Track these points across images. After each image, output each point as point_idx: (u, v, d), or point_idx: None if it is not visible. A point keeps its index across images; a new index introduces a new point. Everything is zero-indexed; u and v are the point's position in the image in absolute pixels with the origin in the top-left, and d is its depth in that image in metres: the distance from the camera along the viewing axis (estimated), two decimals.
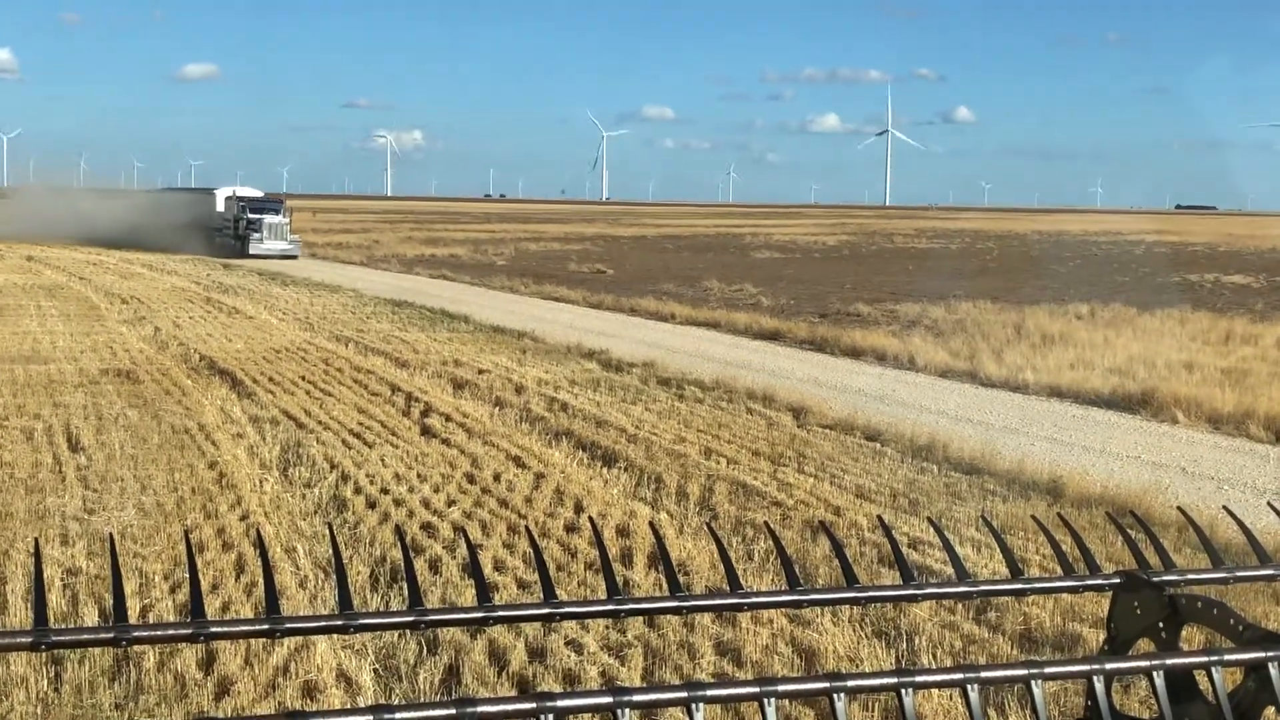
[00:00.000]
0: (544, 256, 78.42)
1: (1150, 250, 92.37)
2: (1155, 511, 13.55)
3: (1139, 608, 3.64)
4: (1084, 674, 3.13)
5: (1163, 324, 36.32)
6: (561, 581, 11.75)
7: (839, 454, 18.54)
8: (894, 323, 37.82)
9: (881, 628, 10.59)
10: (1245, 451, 19.60)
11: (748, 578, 11.80)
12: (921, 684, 2.92)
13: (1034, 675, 3.01)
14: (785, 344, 33.91)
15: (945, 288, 48.87)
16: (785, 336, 34.91)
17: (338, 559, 2.87)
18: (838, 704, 2.81)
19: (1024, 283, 54.51)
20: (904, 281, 57.13)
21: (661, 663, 9.92)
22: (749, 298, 48.06)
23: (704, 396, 23.68)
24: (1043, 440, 20.19)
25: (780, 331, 35.63)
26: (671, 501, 15.47)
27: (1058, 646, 10.20)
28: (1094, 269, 67.78)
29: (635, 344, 32.40)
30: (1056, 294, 48.13)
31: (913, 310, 41.07)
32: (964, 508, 15.04)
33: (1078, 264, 73.18)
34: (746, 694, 2.78)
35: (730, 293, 50.20)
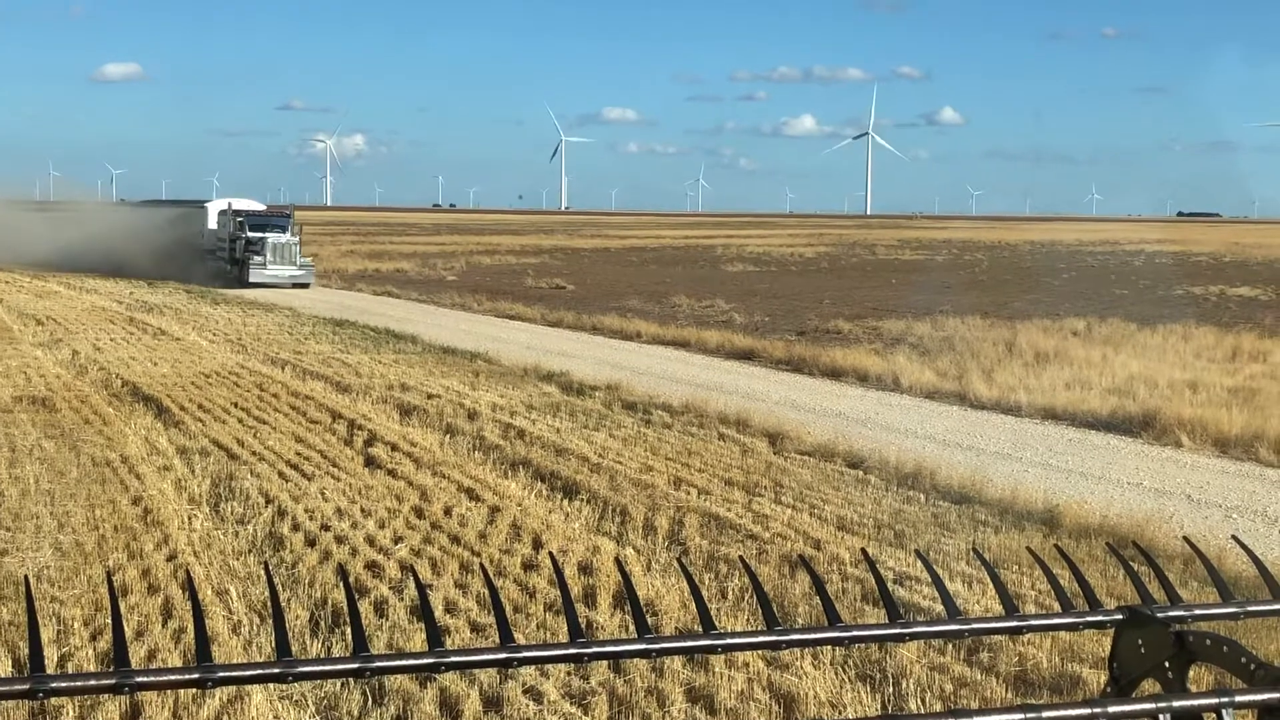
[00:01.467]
0: (498, 271, 78.43)
1: (1150, 261, 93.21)
2: (1159, 542, 13.64)
3: (1143, 646, 3.65)
4: (1085, 718, 3.14)
5: (1165, 340, 36.61)
6: (519, 624, 11.72)
7: (819, 483, 18.58)
8: (877, 340, 37.98)
9: (866, 670, 10.61)
10: (1255, 477, 19.76)
11: (721, 617, 11.80)
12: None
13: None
14: (760, 364, 33.99)
15: (931, 302, 49.14)
16: (760, 356, 34.99)
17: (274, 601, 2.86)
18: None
19: (1016, 296, 54.88)
20: (887, 296, 57.40)
21: (628, 711, 9.90)
22: (721, 314, 48.17)
23: (673, 421, 23.70)
24: (1037, 466, 20.30)
25: (754, 351, 35.71)
26: (638, 536, 15.47)
27: (1056, 689, 10.23)
28: (1090, 281, 68.32)
29: (598, 365, 32.41)
30: (1050, 308, 48.47)
31: (897, 327, 41.26)
32: (954, 540, 15.10)
33: (1073, 276, 73.75)
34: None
35: (700, 309, 50.30)
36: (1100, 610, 3.83)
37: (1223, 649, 3.52)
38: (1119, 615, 3.76)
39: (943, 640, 10.40)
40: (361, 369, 31.09)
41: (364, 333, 40.46)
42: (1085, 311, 45.09)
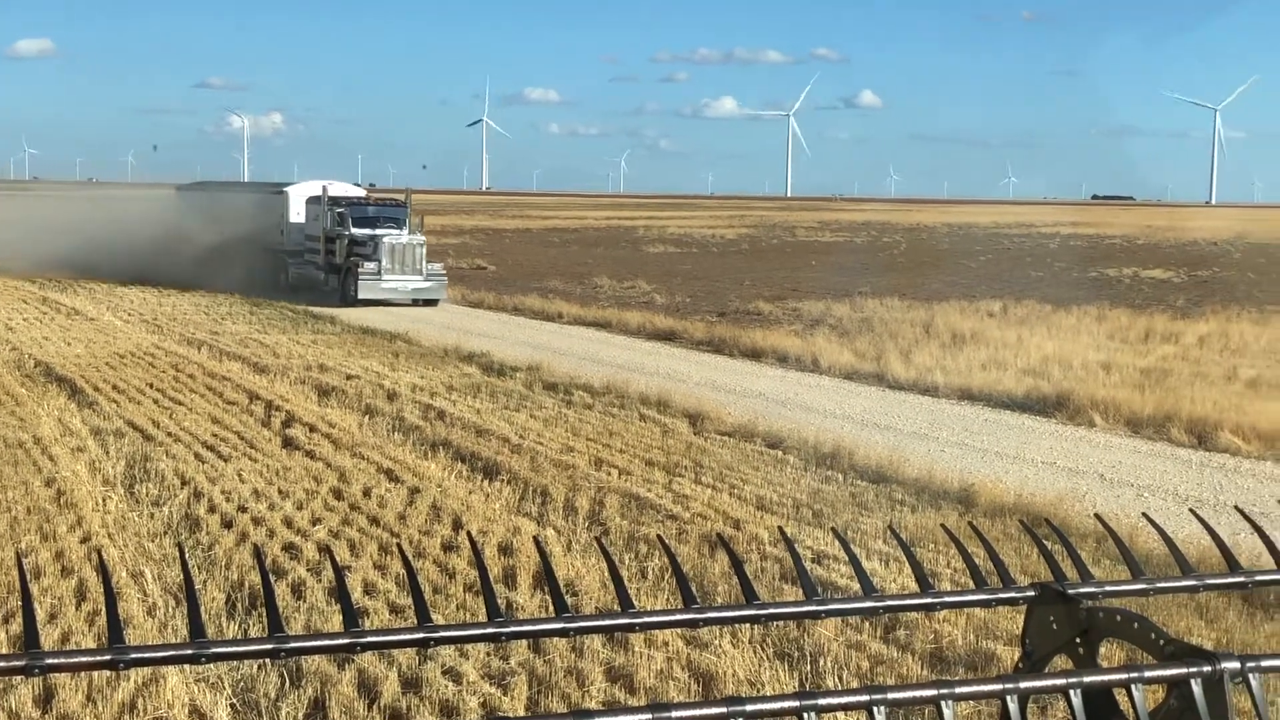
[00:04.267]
0: None
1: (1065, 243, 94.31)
2: (1072, 521, 13.82)
3: (1055, 622, 3.70)
4: (997, 694, 3.17)
5: (1079, 321, 37.10)
6: (438, 605, 11.68)
7: (738, 463, 18.66)
8: (797, 322, 38.18)
9: (785, 649, 10.68)
10: (1167, 456, 20.08)
11: (641, 597, 11.82)
12: (824, 707, 2.93)
13: (944, 696, 3.04)
14: (681, 345, 34.08)
15: (851, 284, 49.46)
16: (681, 337, 35.08)
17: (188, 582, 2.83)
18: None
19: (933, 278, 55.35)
20: (807, 277, 57.71)
21: (548, 690, 9.90)
22: (642, 295, 48.21)
23: (594, 402, 23.70)
24: (953, 446, 20.51)
25: (676, 331, 35.79)
26: (559, 516, 15.46)
27: (970, 665, 10.36)
28: (1006, 263, 69.06)
29: (519, 346, 32.32)
30: (967, 290, 48.94)
31: (816, 308, 41.51)
32: (871, 518, 15.22)
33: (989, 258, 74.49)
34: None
35: (622, 290, 50.32)
36: (1013, 587, 3.87)
37: (1133, 625, 3.57)
38: (1031, 592, 3.80)
39: (859, 618, 10.50)
40: (279, 349, 30.82)
41: (281, 313, 40.11)
42: (1001, 293, 45.58)
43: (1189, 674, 3.23)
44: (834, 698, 3.08)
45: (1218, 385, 25.60)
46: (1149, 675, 3.26)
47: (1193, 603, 11.61)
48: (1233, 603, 11.87)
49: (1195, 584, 4.10)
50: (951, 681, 3.15)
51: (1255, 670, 3.35)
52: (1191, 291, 51.88)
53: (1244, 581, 4.14)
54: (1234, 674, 3.27)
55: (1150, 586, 4.00)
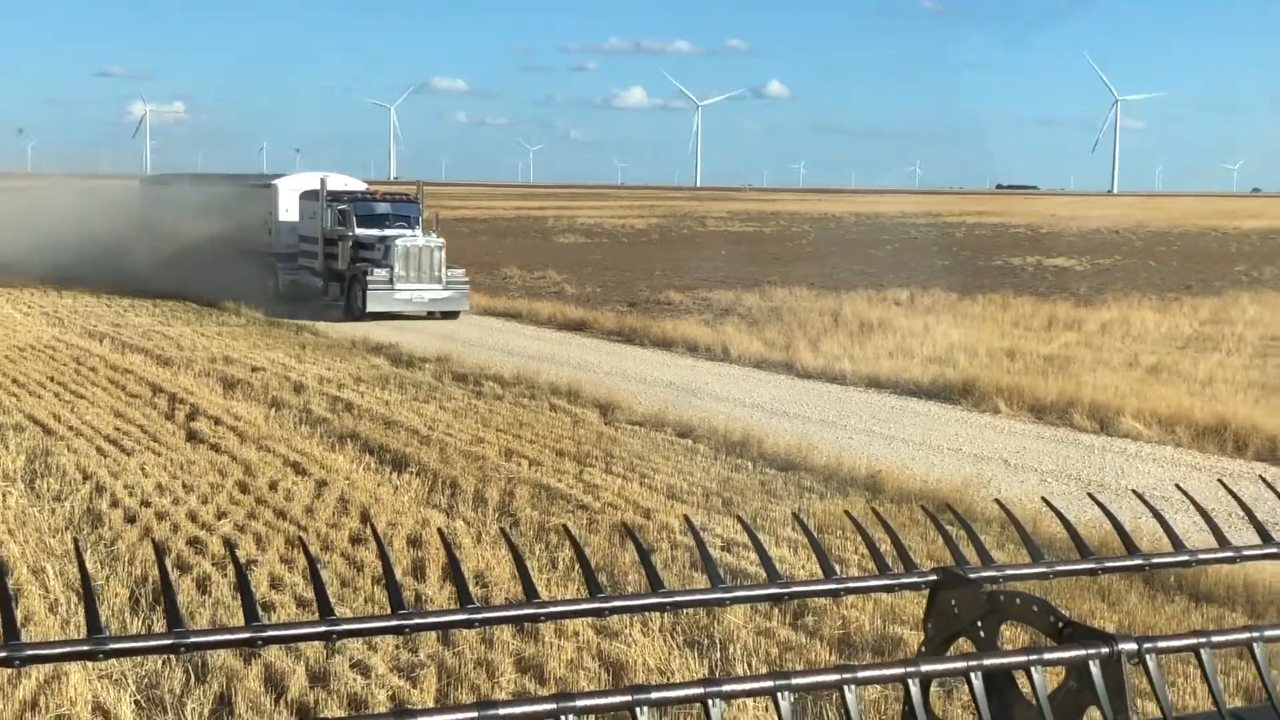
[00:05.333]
0: None
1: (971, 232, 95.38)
2: (977, 506, 13.97)
3: (956, 606, 3.74)
4: (899, 677, 3.19)
5: (984, 310, 37.57)
6: (346, 598, 11.59)
7: (649, 452, 18.69)
8: (707, 311, 38.30)
9: (694, 637, 10.72)
10: (1070, 442, 20.38)
11: (552, 588, 11.82)
12: (729, 693, 2.94)
13: (847, 680, 3.06)
14: (591, 335, 34.08)
15: (760, 274, 49.70)
16: (591, 327, 35.08)
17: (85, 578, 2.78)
18: (640, 718, 2.82)
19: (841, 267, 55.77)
20: (717, 267, 57.89)
21: (457, 683, 9.87)
22: (552, 286, 48.14)
23: (504, 393, 23.63)
24: (861, 433, 20.69)
25: (586, 322, 35.79)
26: (468, 508, 15.41)
27: (877, 650, 10.46)
28: (913, 252, 69.70)
29: (427, 337, 32.16)
30: (875, 279, 49.35)
31: (726, 298, 41.66)
32: (780, 506, 15.32)
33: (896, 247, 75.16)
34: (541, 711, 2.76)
35: (532, 280, 50.22)
36: (915, 572, 3.90)
37: (1032, 608, 3.62)
38: (933, 577, 3.84)
39: (767, 604, 10.56)
40: (184, 342, 30.43)
41: (186, 304, 39.57)
42: (908, 282, 46.00)
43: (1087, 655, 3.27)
44: (739, 684, 3.09)
45: (1119, 371, 26.05)
46: (1048, 657, 3.31)
47: (1095, 586, 11.80)
48: (1134, 585, 12.09)
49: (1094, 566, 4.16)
50: (854, 666, 3.18)
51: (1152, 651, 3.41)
52: (1094, 279, 52.68)
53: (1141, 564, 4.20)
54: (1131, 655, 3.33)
55: (1050, 570, 4.06)
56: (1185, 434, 20.23)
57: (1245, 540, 4.20)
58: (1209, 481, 16.01)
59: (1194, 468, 18.15)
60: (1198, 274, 54.18)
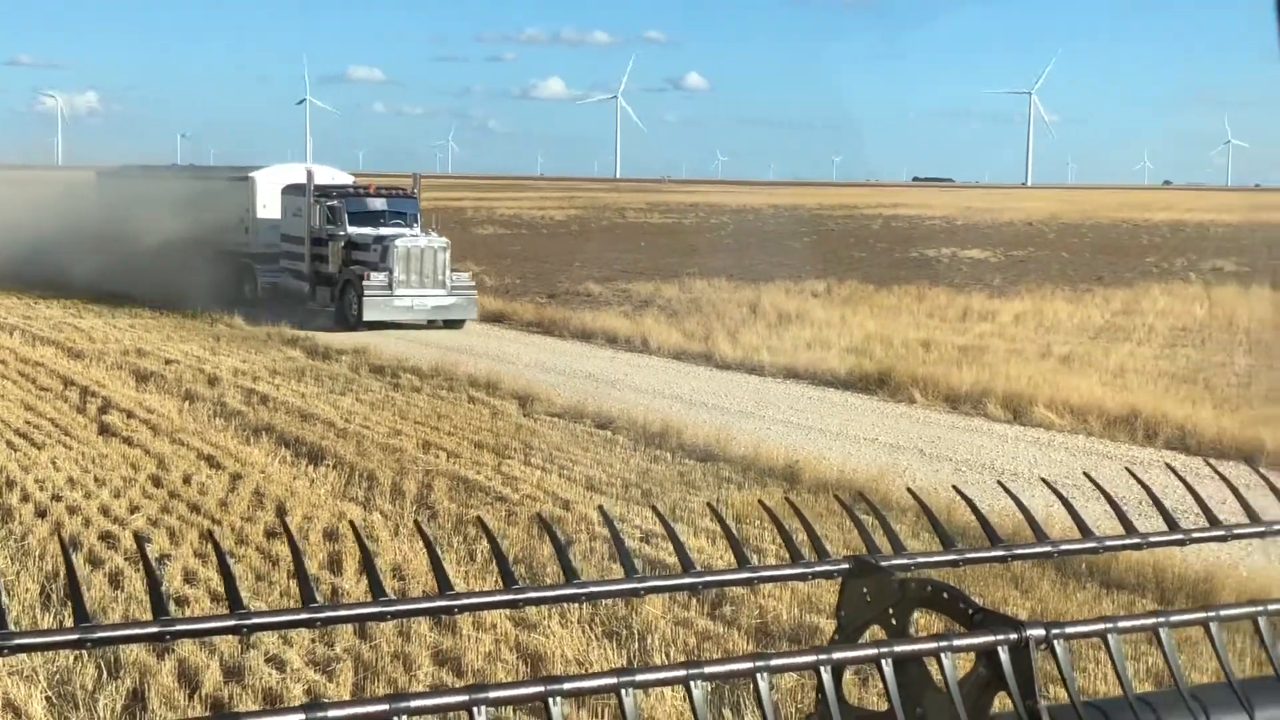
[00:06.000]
0: None
1: (888, 224, 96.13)
2: (893, 495, 14.09)
3: (868, 594, 3.77)
4: (811, 665, 3.21)
5: (900, 301, 37.88)
6: (262, 592, 11.50)
7: (568, 444, 18.69)
8: (626, 303, 38.32)
9: (613, 628, 10.73)
10: (984, 431, 20.62)
11: (470, 580, 11.79)
12: (642, 683, 2.95)
13: (759, 669, 3.07)
14: (510, 326, 34.02)
15: (679, 265, 49.78)
16: (510, 318, 35.02)
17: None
18: (554, 709, 2.82)
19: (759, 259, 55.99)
20: (637, 259, 57.95)
21: (374, 676, 9.82)
22: (471, 277, 47.89)
23: (421, 385, 23.53)
24: (779, 424, 20.79)
25: (505, 313, 35.70)
26: (385, 500, 15.33)
27: (794, 639, 10.53)
28: (831, 244, 70.16)
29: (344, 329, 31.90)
30: (793, 271, 49.59)
31: (645, 289, 41.71)
32: (699, 497, 15.36)
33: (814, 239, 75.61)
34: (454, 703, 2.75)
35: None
36: (827, 561, 3.93)
37: (943, 595, 3.65)
38: (845, 565, 3.87)
39: (687, 595, 10.59)
40: (95, 334, 30.01)
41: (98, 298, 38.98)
42: (825, 274, 46.30)
43: (996, 642, 3.31)
44: (652, 673, 3.10)
45: (1032, 362, 26.37)
46: (958, 644, 3.34)
47: (1009, 573, 11.94)
48: (1046, 573, 12.24)
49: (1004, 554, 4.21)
50: (767, 654, 3.20)
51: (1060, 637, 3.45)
52: (1008, 271, 53.26)
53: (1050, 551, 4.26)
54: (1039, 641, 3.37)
55: (960, 557, 4.10)
56: (1097, 423, 20.52)
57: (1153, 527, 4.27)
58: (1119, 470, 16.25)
59: (1105, 456, 18.41)
60: (1109, 265, 54.95)
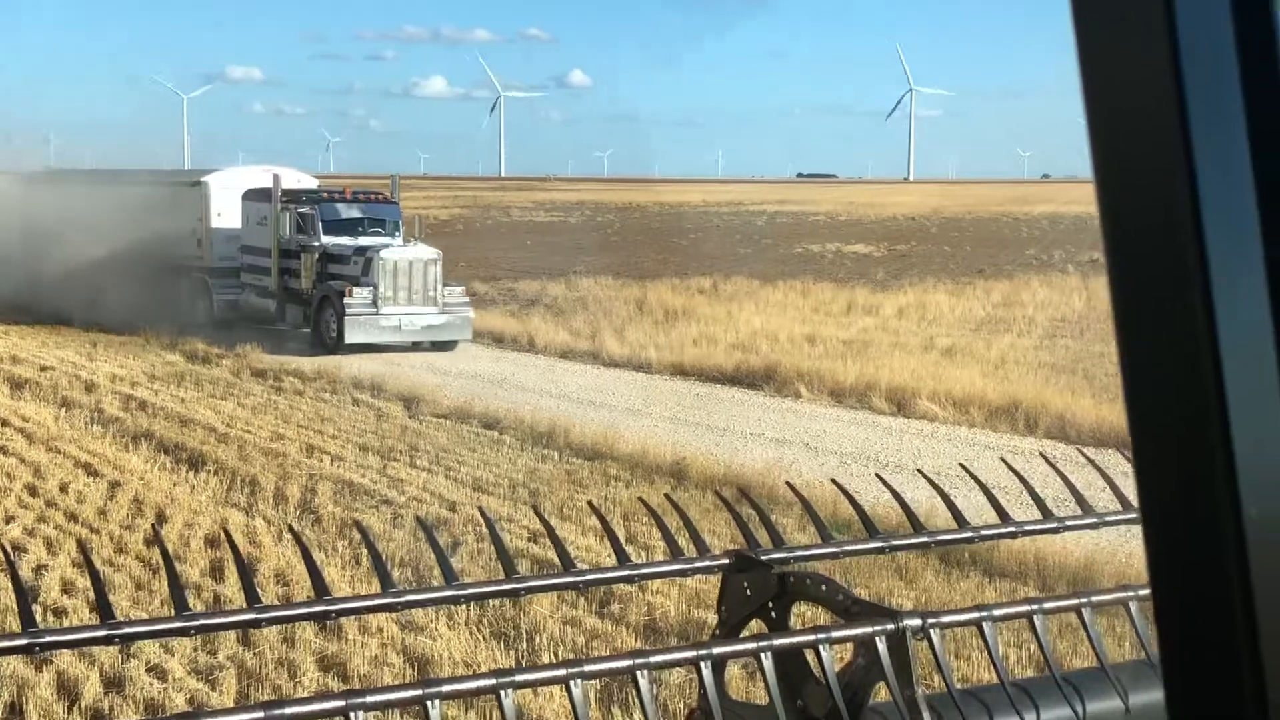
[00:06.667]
0: None
1: (772, 221, 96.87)
2: (779, 490, 14.21)
3: (749, 588, 3.81)
4: (691, 660, 3.24)
5: (785, 296, 38.17)
6: (142, 601, 11.31)
7: (455, 445, 18.60)
8: (512, 302, 38.21)
9: (501, 628, 10.70)
10: (868, 424, 20.85)
11: (355, 584, 11.68)
12: (521, 683, 2.96)
13: (639, 666, 3.10)
14: None
15: (565, 264, 49.75)
16: None
17: None
18: (432, 712, 2.82)
19: (646, 256, 56.14)
20: (522, 257, 57.81)
21: (258, 683, 9.70)
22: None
23: (304, 388, 23.28)
24: (666, 421, 20.86)
25: None
26: (268, 506, 15.14)
27: (682, 634, 10.57)
28: (716, 241, 70.50)
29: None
30: (679, 268, 49.77)
31: (532, 288, 41.62)
32: (586, 495, 15.36)
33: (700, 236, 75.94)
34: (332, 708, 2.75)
35: None
36: (708, 556, 3.97)
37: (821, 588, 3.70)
38: (725, 560, 3.91)
39: (575, 593, 10.60)
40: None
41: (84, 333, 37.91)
42: (711, 270, 46.50)
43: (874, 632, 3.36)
44: (531, 673, 3.11)
45: (915, 355, 26.72)
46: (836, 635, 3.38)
47: (893, 564, 12.08)
48: (930, 563, 12.41)
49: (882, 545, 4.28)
50: (646, 651, 3.22)
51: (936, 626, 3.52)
52: (891, 265, 53.91)
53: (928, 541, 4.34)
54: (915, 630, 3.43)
55: (839, 550, 4.16)
56: (979, 414, 20.85)
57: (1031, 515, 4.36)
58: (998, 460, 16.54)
59: (987, 447, 18.70)
60: (990, 258, 55.82)
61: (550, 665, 3.14)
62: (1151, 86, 0.95)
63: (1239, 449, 0.95)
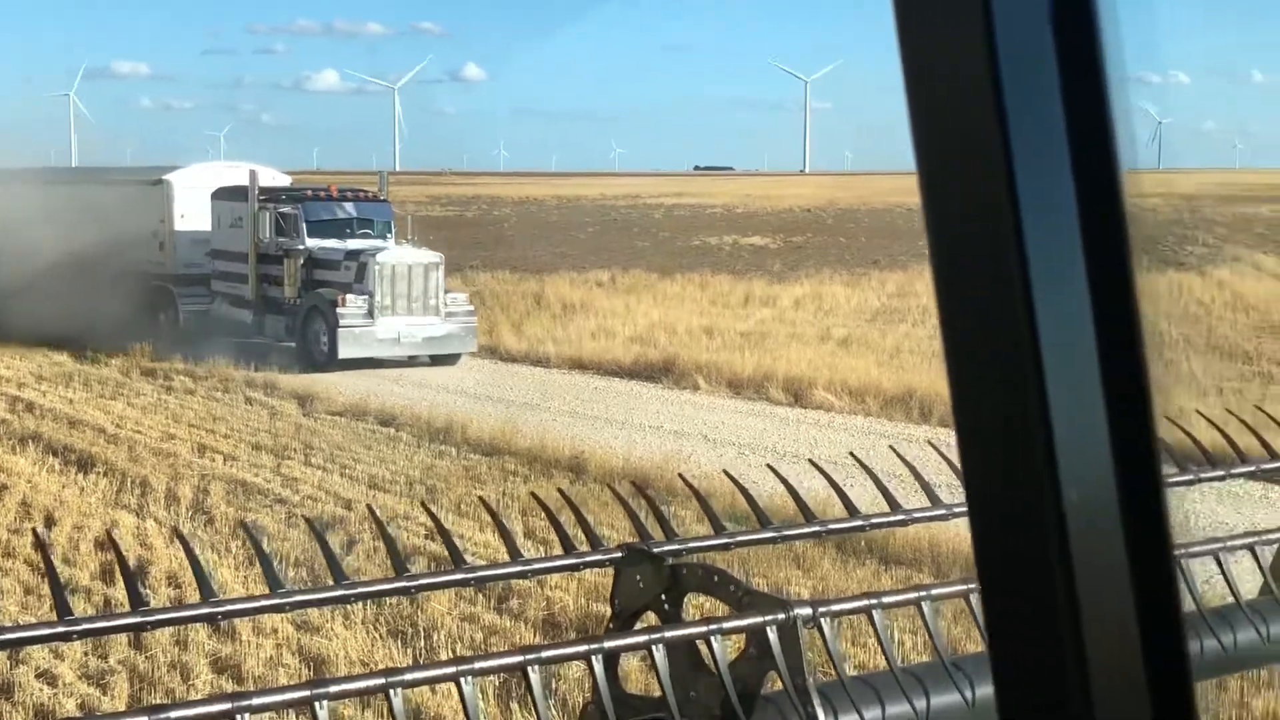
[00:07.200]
0: None
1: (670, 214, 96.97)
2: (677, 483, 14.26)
3: (641, 581, 3.83)
4: (582, 655, 3.25)
5: (683, 289, 38.32)
6: (31, 606, 11.10)
7: (350, 442, 18.45)
8: None
9: (398, 626, 10.63)
10: (766, 415, 20.98)
11: (250, 585, 11.54)
12: (410, 682, 2.95)
13: (530, 662, 3.10)
14: None
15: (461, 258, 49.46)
16: None
17: None
18: (320, 712, 2.80)
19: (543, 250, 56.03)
20: None
21: (150, 687, 9.56)
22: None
23: (196, 387, 22.98)
24: (565, 415, 20.84)
25: None
26: (160, 507, 14.92)
27: (581, 628, 10.57)
28: (614, 234, 70.51)
29: None
30: (577, 261, 49.76)
31: None
32: (484, 491, 15.30)
33: (597, 229, 75.90)
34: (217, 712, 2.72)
35: None
36: (601, 549, 3.98)
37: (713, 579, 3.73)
38: (618, 553, 3.92)
39: (473, 590, 10.57)
40: None
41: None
42: (609, 264, 46.55)
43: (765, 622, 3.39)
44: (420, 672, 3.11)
45: (812, 345, 26.94)
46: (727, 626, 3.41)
47: (791, 554, 12.17)
48: (827, 552, 12.52)
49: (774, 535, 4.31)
50: (538, 647, 3.22)
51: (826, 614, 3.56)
52: (787, 256, 54.31)
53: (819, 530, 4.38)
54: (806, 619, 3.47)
55: (731, 540, 4.19)
56: (875, 403, 21.06)
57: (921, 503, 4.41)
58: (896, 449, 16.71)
59: (882, 435, 18.88)
60: (884, 249, 56.38)
61: (440, 663, 3.13)
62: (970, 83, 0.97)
63: (1058, 433, 0.97)
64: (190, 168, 32.41)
